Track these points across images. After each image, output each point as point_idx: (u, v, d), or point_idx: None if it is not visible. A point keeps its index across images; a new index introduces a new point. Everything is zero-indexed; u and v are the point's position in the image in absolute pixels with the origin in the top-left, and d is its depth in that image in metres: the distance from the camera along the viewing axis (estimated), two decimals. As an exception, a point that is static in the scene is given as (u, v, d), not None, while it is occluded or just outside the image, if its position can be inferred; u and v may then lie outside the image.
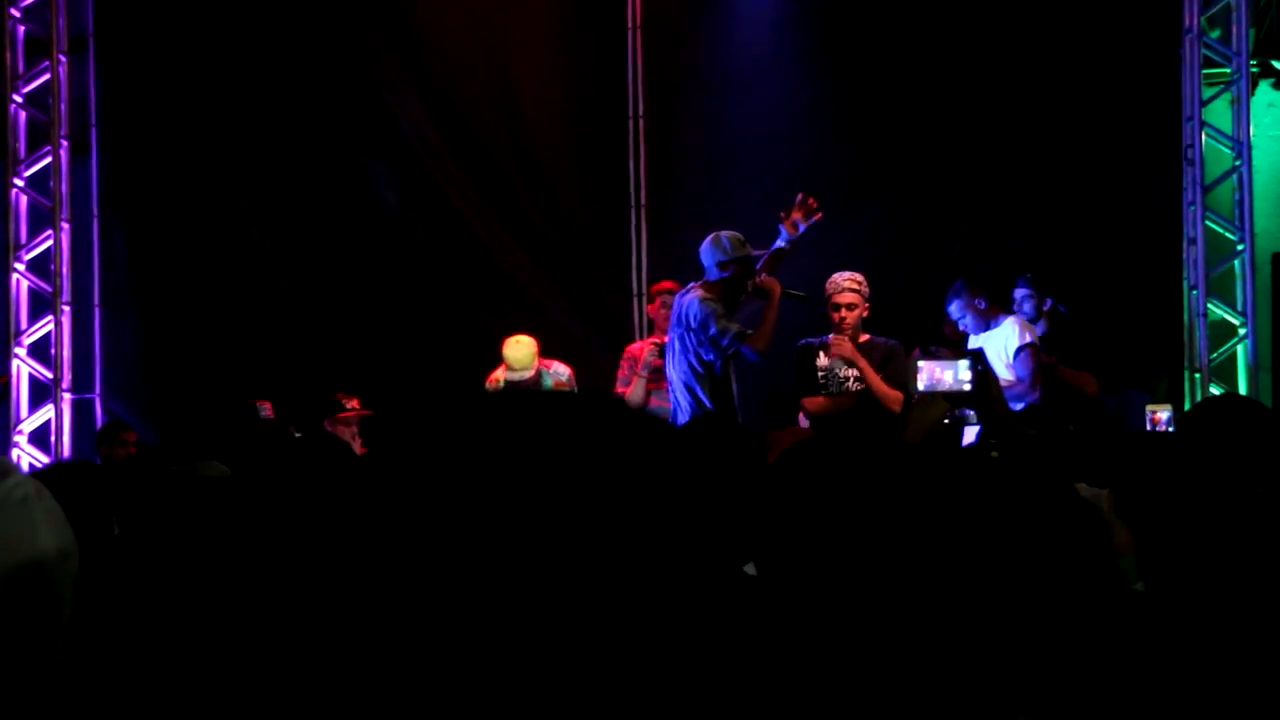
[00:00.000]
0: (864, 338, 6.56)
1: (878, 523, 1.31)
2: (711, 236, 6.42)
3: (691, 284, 6.47)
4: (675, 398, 6.44)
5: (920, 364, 5.85)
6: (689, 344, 6.30)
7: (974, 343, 6.86)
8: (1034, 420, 5.64)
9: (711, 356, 6.28)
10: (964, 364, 5.50)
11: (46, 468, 7.06)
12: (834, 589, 1.30)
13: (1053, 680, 1.50)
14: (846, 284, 6.55)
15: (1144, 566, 2.20)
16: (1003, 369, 6.73)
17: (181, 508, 2.87)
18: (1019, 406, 6.49)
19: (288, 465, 2.41)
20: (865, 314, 6.55)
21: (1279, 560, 1.93)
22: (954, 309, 7.05)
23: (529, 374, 7.24)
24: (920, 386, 4.50)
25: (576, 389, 7.45)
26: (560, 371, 7.49)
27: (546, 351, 8.52)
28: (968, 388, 5.40)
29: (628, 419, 0.95)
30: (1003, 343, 6.85)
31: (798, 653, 1.31)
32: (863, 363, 6.41)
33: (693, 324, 6.25)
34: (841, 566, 1.30)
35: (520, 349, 7.27)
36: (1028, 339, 6.79)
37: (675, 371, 6.41)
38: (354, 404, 7.72)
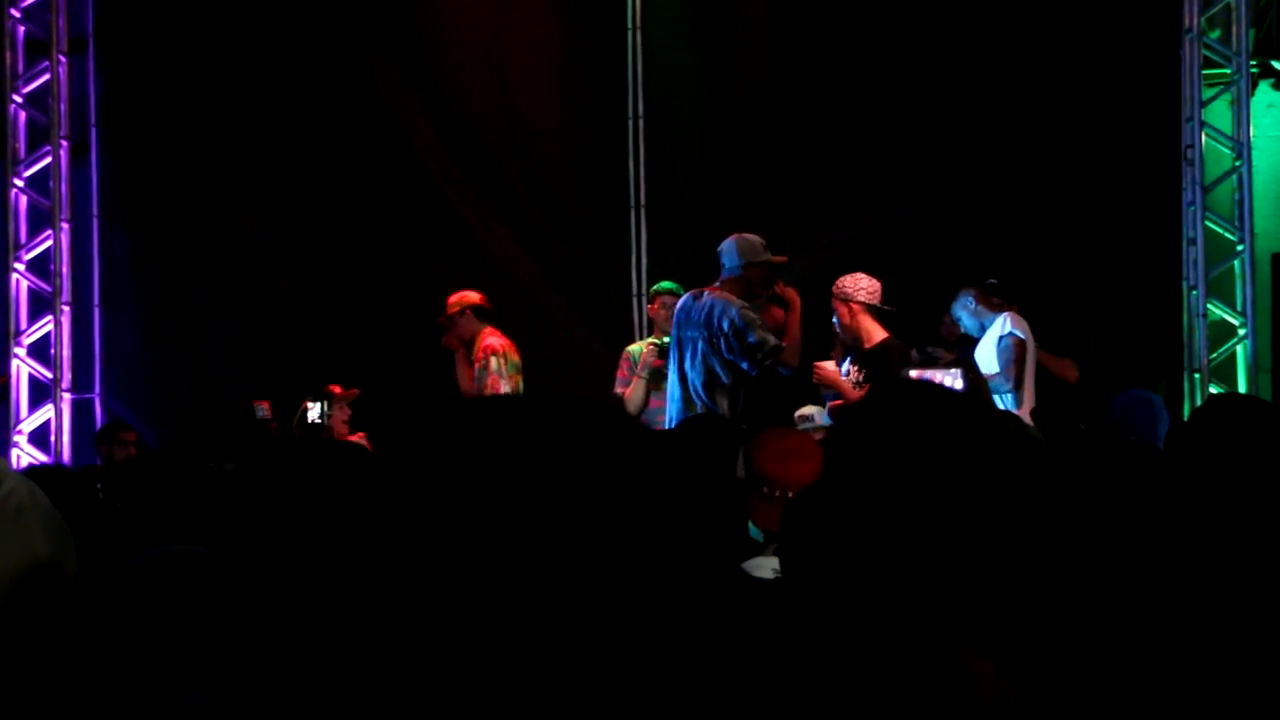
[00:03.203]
0: (879, 338, 6.53)
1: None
2: (736, 236, 6.42)
3: (706, 287, 6.44)
4: (683, 397, 6.39)
5: (913, 373, 5.87)
6: (718, 347, 6.23)
7: (978, 352, 6.88)
8: (1041, 421, 5.63)
9: (745, 364, 6.24)
10: (957, 373, 5.52)
11: (31, 469, 7.04)
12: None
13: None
14: (832, 291, 6.62)
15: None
16: (994, 363, 6.76)
17: (207, 502, 2.87)
18: (998, 401, 6.46)
19: (286, 464, 2.41)
20: (859, 313, 6.53)
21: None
22: (957, 309, 7.06)
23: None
24: None
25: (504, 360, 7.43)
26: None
27: (546, 351, 8.52)
28: None
29: (623, 427, 0.95)
30: (994, 337, 6.87)
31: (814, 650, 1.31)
32: (842, 385, 6.42)
33: (724, 328, 6.19)
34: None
35: None
36: (1008, 328, 6.79)
37: (692, 373, 6.33)
38: (337, 390, 7.67)
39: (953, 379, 5.39)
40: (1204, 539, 2.15)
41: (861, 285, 6.57)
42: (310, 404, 7.19)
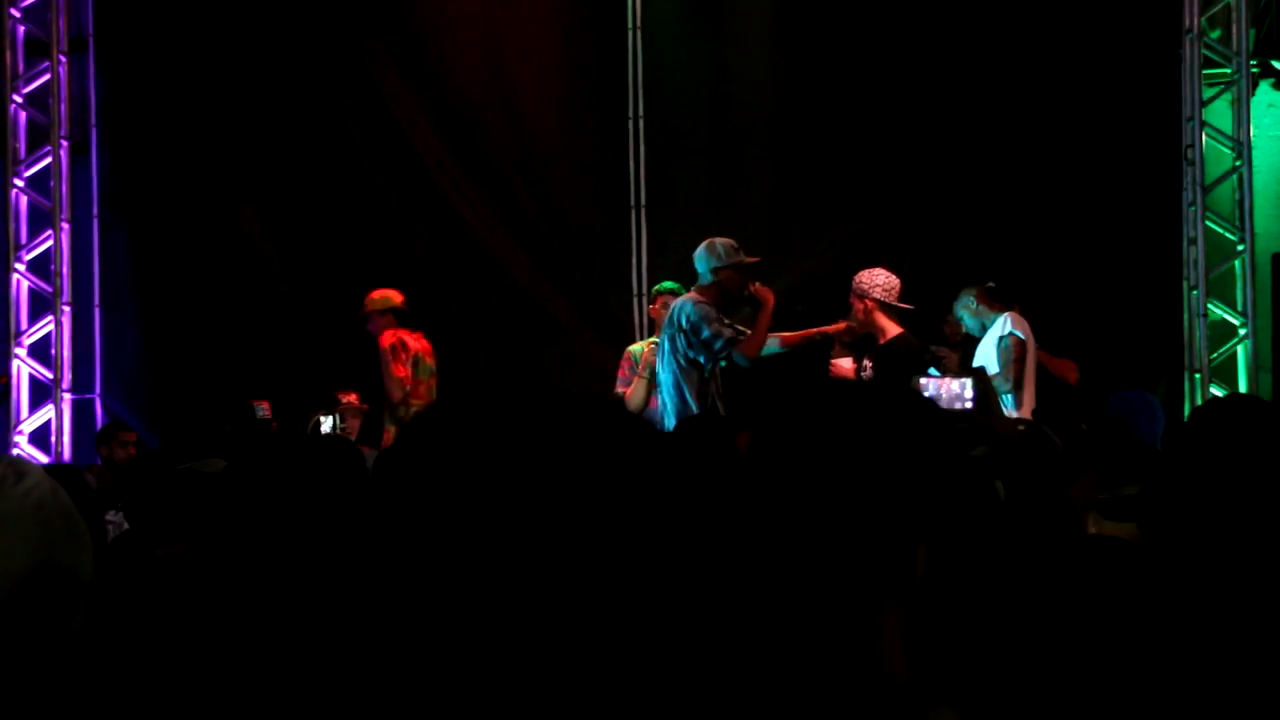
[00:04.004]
0: (892, 334, 6.54)
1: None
2: (706, 243, 6.53)
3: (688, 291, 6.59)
4: (663, 398, 6.51)
5: (923, 381, 5.90)
6: (679, 345, 6.38)
7: (979, 351, 6.88)
8: (1045, 421, 5.63)
9: (702, 359, 6.37)
10: (967, 382, 5.53)
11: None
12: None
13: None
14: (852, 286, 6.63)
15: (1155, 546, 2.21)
16: (994, 363, 6.77)
17: (186, 503, 2.87)
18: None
19: (284, 463, 2.41)
20: (874, 309, 6.54)
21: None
22: (958, 309, 7.06)
23: None
24: None
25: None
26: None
27: (547, 351, 8.53)
28: (969, 405, 5.40)
29: (623, 424, 0.95)
30: (995, 337, 6.88)
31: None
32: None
33: (684, 325, 6.35)
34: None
35: None
36: (1009, 328, 6.79)
37: (663, 372, 6.50)
38: (351, 399, 7.67)
39: (961, 387, 5.40)
40: (1206, 538, 2.15)
41: (878, 281, 6.57)
42: (323, 416, 7.14)
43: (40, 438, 9.05)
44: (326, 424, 7.05)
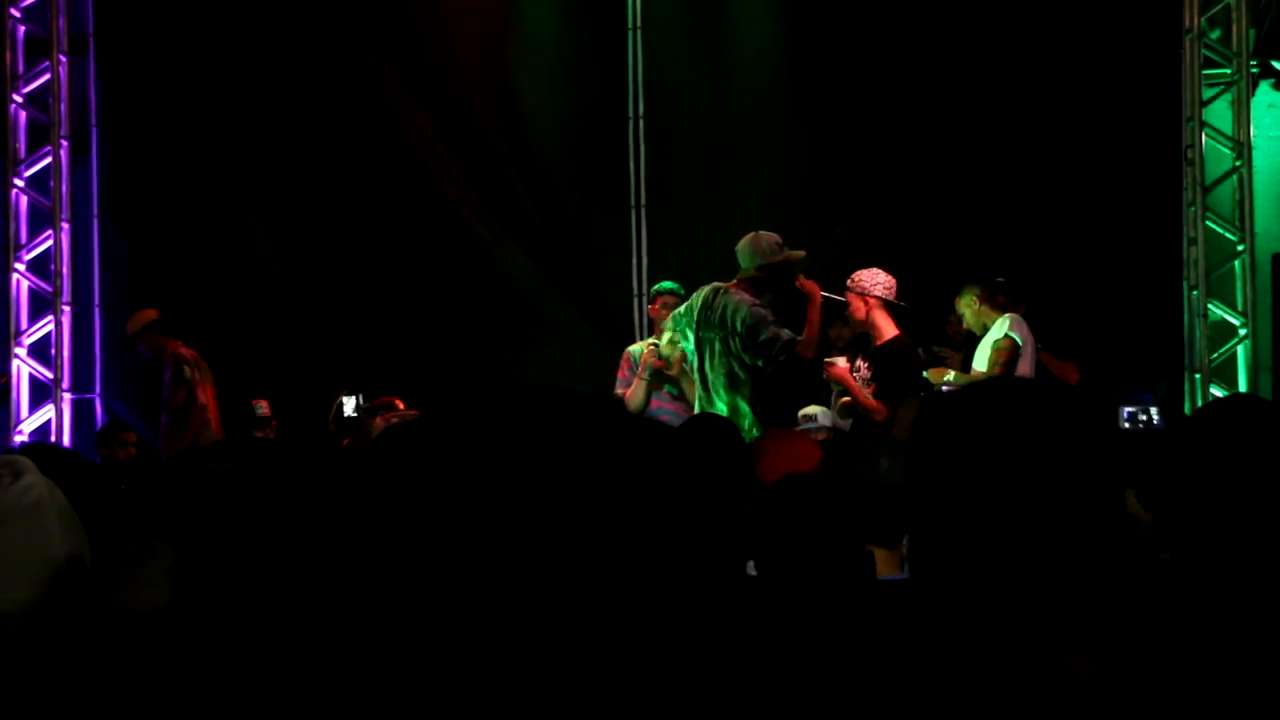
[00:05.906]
0: (889, 336, 6.51)
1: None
2: (751, 236, 6.45)
3: (722, 284, 6.46)
4: (704, 397, 6.40)
5: (944, 388, 5.94)
6: (731, 348, 6.28)
7: (978, 352, 6.89)
8: None
9: (760, 362, 6.28)
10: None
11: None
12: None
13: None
14: (847, 284, 6.58)
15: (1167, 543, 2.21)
16: (986, 364, 6.79)
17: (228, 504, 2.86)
18: None
19: (283, 463, 2.40)
20: (875, 308, 6.51)
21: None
22: (961, 307, 7.07)
23: None
24: None
25: None
26: None
27: (547, 352, 8.52)
28: None
29: (628, 424, 0.95)
30: (992, 339, 6.88)
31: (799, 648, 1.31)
32: (850, 384, 6.43)
33: (739, 328, 6.25)
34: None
35: None
36: (1005, 330, 6.79)
37: (712, 374, 6.38)
38: (399, 404, 7.61)
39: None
40: (1207, 538, 2.15)
41: (879, 280, 6.55)
42: (345, 397, 7.03)
43: (40, 438, 9.04)
44: (349, 404, 6.96)
